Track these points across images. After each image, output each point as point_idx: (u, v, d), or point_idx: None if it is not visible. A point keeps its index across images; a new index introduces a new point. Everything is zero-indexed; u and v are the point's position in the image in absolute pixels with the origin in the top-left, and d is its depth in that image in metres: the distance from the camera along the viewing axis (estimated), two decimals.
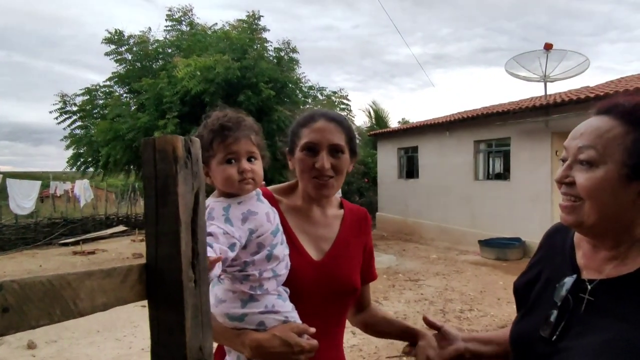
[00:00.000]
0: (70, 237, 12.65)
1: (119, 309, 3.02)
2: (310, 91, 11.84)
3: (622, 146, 0.80)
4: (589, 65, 9.11)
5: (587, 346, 0.79)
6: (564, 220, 0.89)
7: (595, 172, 0.82)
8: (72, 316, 0.54)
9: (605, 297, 0.83)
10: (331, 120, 1.23)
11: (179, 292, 0.64)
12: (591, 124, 0.86)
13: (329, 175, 1.19)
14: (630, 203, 0.81)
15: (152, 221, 0.65)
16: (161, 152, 0.65)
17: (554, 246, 1.02)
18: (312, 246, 1.25)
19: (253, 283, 1.10)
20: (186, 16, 11.74)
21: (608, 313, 0.81)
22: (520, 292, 1.04)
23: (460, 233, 11.12)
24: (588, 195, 0.83)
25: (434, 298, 6.42)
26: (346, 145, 1.23)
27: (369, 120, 21.48)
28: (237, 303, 1.10)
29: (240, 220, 1.06)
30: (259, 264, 1.10)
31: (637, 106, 0.83)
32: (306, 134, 1.21)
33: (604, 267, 0.87)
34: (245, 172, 1.09)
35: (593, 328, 0.81)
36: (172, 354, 0.64)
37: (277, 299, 1.13)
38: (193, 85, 9.09)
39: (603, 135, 0.82)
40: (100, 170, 12.01)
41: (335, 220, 1.31)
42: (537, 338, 0.89)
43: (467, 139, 11.11)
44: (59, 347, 4.68)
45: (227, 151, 1.08)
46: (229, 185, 1.09)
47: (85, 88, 11.39)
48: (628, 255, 0.84)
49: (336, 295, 1.23)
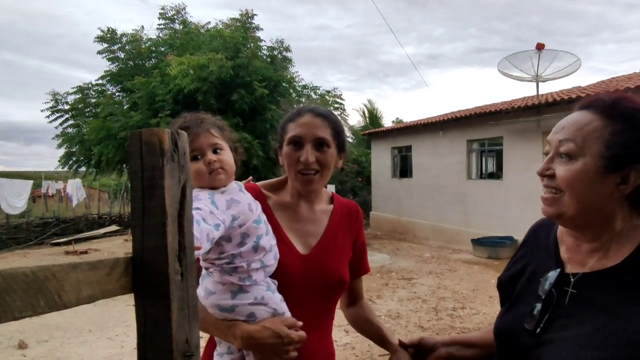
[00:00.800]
0: (62, 237, 12.55)
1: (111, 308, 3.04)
2: (304, 90, 11.84)
3: (601, 139, 0.82)
4: (580, 65, 9.18)
5: (570, 338, 0.81)
6: (544, 211, 0.90)
7: (574, 164, 0.84)
8: (56, 308, 0.54)
9: (588, 290, 0.84)
10: (317, 115, 1.24)
11: (165, 284, 0.64)
12: (572, 118, 0.88)
13: (314, 169, 1.21)
14: (608, 195, 0.83)
15: (138, 214, 0.65)
16: (148, 144, 0.65)
17: (538, 241, 1.04)
18: (300, 241, 1.27)
19: (242, 274, 1.11)
20: (179, 15, 11.71)
21: (591, 305, 0.82)
22: (505, 287, 1.05)
23: (453, 232, 11.17)
24: (567, 187, 0.84)
25: (426, 296, 6.45)
26: (332, 139, 1.23)
27: (363, 119, 21.54)
28: (227, 294, 1.11)
29: (225, 206, 1.08)
30: (246, 255, 1.11)
31: (616, 101, 0.85)
32: (292, 128, 1.23)
33: (587, 260, 0.88)
34: (212, 162, 1.11)
35: (577, 320, 0.82)
36: (159, 346, 0.64)
37: (266, 290, 1.14)
38: (186, 83, 9.05)
39: (582, 129, 0.84)
40: (93, 170, 11.94)
41: (324, 215, 1.33)
42: (522, 331, 0.90)
43: (460, 139, 11.16)
44: (50, 347, 4.65)
45: (190, 148, 1.09)
46: (200, 180, 1.11)
47: (78, 86, 11.33)
48: (610, 248, 0.85)
49: (324, 288, 1.25)
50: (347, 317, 1.45)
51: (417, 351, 1.25)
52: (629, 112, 0.83)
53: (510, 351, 0.94)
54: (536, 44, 9.09)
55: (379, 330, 1.37)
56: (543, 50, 9.09)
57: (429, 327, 5.14)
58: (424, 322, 5.32)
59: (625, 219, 0.85)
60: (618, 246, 0.84)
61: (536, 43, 9.08)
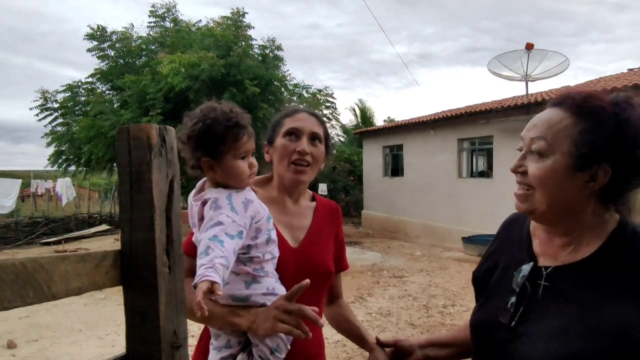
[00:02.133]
0: (52, 237, 12.43)
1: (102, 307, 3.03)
2: (296, 89, 11.84)
3: (570, 137, 0.83)
4: (568, 65, 9.29)
5: (544, 330, 0.83)
6: (517, 207, 0.92)
7: (545, 162, 0.85)
8: (45, 299, 0.55)
9: (560, 282, 0.86)
10: (312, 114, 1.35)
11: (153, 277, 0.65)
12: (544, 115, 0.89)
13: (307, 161, 1.28)
14: (577, 192, 0.84)
15: (126, 208, 0.67)
16: (135, 139, 0.66)
17: (511, 236, 1.05)
18: (289, 234, 1.31)
19: (256, 265, 1.14)
20: (170, 13, 11.64)
21: (563, 298, 0.84)
22: (479, 281, 1.08)
23: (444, 230, 11.24)
24: (538, 184, 0.86)
25: (417, 294, 6.49)
26: (323, 138, 1.34)
27: (355, 118, 21.57)
28: (241, 284, 1.13)
29: (243, 208, 1.10)
30: (260, 246, 1.14)
31: (586, 98, 0.85)
32: (289, 122, 1.31)
33: (559, 253, 0.90)
34: (254, 166, 1.16)
35: (550, 312, 0.84)
36: (147, 337, 0.65)
37: (276, 282, 1.18)
38: (177, 81, 9.01)
39: (553, 127, 0.85)
40: (83, 168, 11.84)
41: (309, 210, 1.39)
42: (497, 324, 0.91)
43: (451, 137, 11.23)
44: (39, 346, 4.62)
45: (243, 149, 1.12)
46: (239, 180, 1.13)
47: (67, 85, 11.23)
48: (581, 242, 0.87)
49: (315, 279, 1.27)
50: (327, 316, 1.48)
51: (394, 353, 1.26)
52: (597, 111, 0.83)
53: (485, 345, 0.96)
54: (526, 44, 9.18)
55: (356, 330, 1.40)
56: (532, 50, 9.18)
57: (420, 325, 5.18)
58: (415, 320, 5.36)
59: (594, 214, 0.87)
60: (588, 240, 0.86)
61: (526, 43, 9.18)
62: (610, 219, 0.87)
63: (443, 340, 1.25)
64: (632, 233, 0.84)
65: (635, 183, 0.84)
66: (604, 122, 0.82)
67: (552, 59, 9.39)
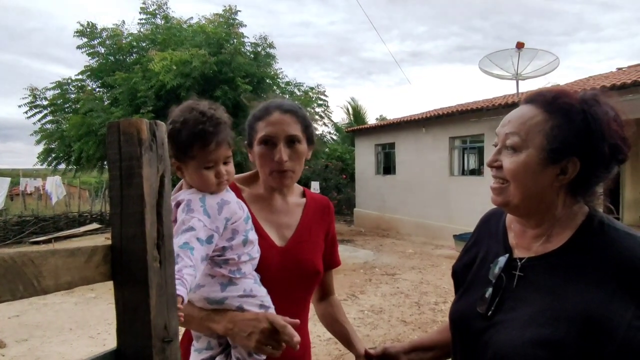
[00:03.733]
0: (41, 236, 12.30)
1: (93, 306, 3.02)
2: (288, 87, 11.82)
3: (542, 133, 0.88)
4: (558, 64, 9.38)
5: (518, 318, 0.87)
6: (493, 200, 0.97)
7: (518, 156, 0.90)
8: (35, 293, 0.55)
9: (533, 272, 0.91)
10: (286, 111, 1.24)
11: (144, 271, 0.65)
12: (517, 112, 0.94)
13: (287, 168, 1.22)
14: (549, 185, 0.89)
15: (116, 202, 0.67)
16: (126, 134, 0.66)
17: (488, 230, 1.10)
18: (276, 233, 1.28)
19: (232, 267, 1.12)
20: (161, 9, 11.56)
21: (536, 287, 0.89)
22: (459, 275, 1.11)
23: (436, 228, 11.30)
24: (512, 178, 0.91)
25: (409, 291, 6.53)
26: (302, 134, 1.25)
27: (347, 116, 21.59)
28: (217, 287, 1.12)
29: (217, 210, 1.09)
30: (236, 248, 1.12)
31: (556, 96, 0.90)
32: (262, 127, 1.23)
33: (532, 245, 0.94)
34: (222, 175, 1.11)
35: (524, 301, 0.89)
36: (138, 332, 0.65)
37: (254, 283, 1.16)
38: (169, 79, 8.96)
39: (526, 122, 0.90)
40: (73, 167, 11.72)
41: (297, 207, 1.34)
42: (474, 314, 0.95)
43: (442, 136, 11.29)
44: (29, 346, 4.58)
45: (208, 158, 1.08)
46: (205, 188, 1.11)
47: (57, 82, 11.10)
48: (552, 233, 0.92)
49: (300, 279, 1.27)
50: (318, 313, 1.46)
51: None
52: (567, 108, 0.88)
53: (463, 335, 1.00)
54: (516, 43, 9.26)
55: (346, 333, 1.38)
56: (523, 49, 9.26)
57: (412, 322, 5.21)
58: (407, 317, 5.39)
59: (565, 206, 0.91)
60: (559, 231, 0.91)
61: (516, 42, 9.25)
62: (580, 211, 0.92)
63: (425, 343, 1.27)
64: (599, 224, 0.89)
65: (601, 175, 0.89)
66: (573, 118, 0.87)
67: (543, 58, 9.47)
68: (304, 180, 12.35)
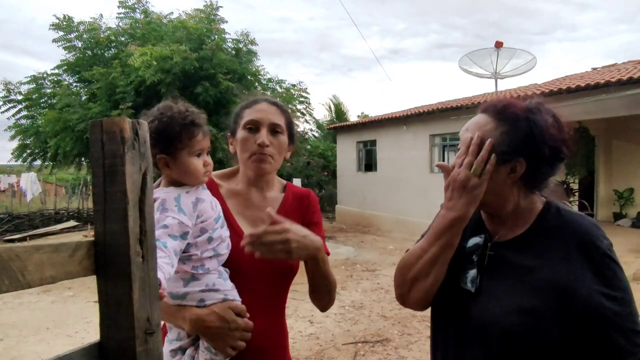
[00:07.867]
0: (16, 233, 12.02)
1: (70, 305, 3.00)
2: (269, 83, 11.77)
3: (493, 138, 1.02)
4: (536, 63, 9.59)
5: (494, 291, 1.01)
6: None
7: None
8: (20, 287, 0.57)
9: (505, 253, 1.05)
10: (272, 104, 1.33)
11: (127, 265, 0.67)
12: (474, 120, 1.09)
13: (268, 153, 1.27)
14: (502, 182, 1.03)
15: (100, 199, 0.68)
16: (109, 133, 0.68)
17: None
18: (250, 228, 1.28)
19: (195, 263, 1.14)
20: (140, 3, 11.35)
21: (509, 264, 1.03)
22: None
23: (416, 224, 11.43)
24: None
25: (389, 287, 6.62)
26: (285, 128, 1.31)
27: (328, 113, 21.65)
28: (179, 282, 1.14)
29: (192, 208, 1.12)
30: (200, 245, 1.15)
31: (505, 106, 1.05)
32: (248, 113, 1.30)
33: (500, 231, 1.08)
34: (208, 165, 1.18)
35: (499, 277, 1.03)
36: (121, 324, 0.68)
37: (218, 277, 1.18)
38: (149, 75, 8.82)
39: (481, 129, 1.04)
40: (49, 163, 11.44)
41: (275, 202, 1.36)
42: (457, 292, 1.07)
43: (423, 133, 11.43)
44: (5, 345, 4.50)
45: (198, 146, 1.16)
46: (194, 177, 1.16)
47: (32, 76, 10.79)
48: (516, 224, 1.06)
49: (273, 275, 1.28)
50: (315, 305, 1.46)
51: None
52: (513, 116, 1.02)
53: (446, 312, 1.09)
54: (495, 42, 9.43)
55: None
56: (501, 48, 9.44)
57: (392, 317, 5.29)
58: (387, 312, 5.47)
59: (524, 199, 1.06)
60: (523, 218, 1.06)
61: (495, 41, 9.43)
62: (538, 201, 1.07)
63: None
64: (556, 210, 1.04)
65: (547, 172, 1.04)
66: (518, 125, 1.02)
67: (521, 57, 9.67)
68: (286, 177, 12.34)
